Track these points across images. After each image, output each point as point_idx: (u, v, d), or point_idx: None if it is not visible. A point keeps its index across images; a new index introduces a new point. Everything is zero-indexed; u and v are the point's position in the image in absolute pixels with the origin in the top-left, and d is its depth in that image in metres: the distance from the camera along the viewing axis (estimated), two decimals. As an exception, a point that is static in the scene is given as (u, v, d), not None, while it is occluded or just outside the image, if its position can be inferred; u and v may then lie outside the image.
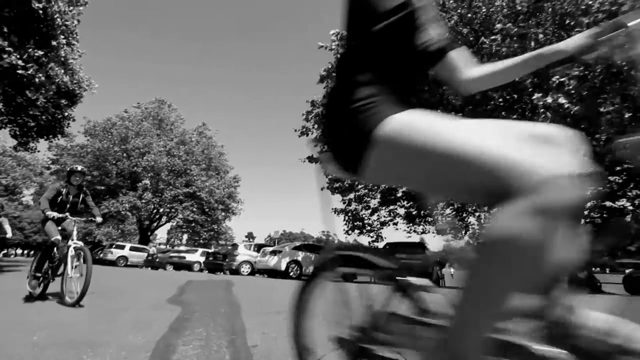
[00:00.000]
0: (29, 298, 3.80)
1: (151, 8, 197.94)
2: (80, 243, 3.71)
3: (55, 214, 3.81)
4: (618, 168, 10.70)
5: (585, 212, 13.33)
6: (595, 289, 10.27)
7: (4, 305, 3.39)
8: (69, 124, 13.00)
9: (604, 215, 13.54)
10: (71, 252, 3.64)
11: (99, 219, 4.19)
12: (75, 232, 3.80)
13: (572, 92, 6.98)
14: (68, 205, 4.07)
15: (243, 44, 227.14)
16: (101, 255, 22.67)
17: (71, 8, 9.50)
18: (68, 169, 4.21)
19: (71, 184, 4.13)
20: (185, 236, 35.92)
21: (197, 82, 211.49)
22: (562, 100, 6.87)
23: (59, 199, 4.01)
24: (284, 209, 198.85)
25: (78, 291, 3.34)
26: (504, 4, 8.29)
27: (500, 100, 9.83)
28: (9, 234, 6.92)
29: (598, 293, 9.73)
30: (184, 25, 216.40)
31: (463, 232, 15.83)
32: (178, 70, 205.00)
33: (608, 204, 13.27)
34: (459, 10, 8.74)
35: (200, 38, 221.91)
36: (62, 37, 9.41)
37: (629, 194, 12.43)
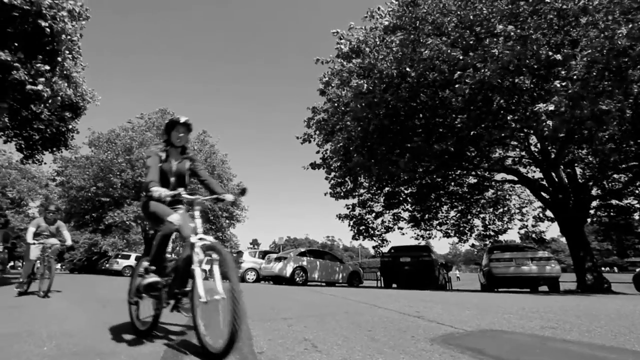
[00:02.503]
0: (137, 330, 2.50)
1: (152, 22, 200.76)
2: (210, 238, 2.15)
3: (166, 192, 2.18)
4: (623, 166, 10.61)
5: (592, 211, 13.22)
6: (604, 289, 10.10)
7: (14, 318, 3.42)
8: (73, 136, 13.17)
9: (611, 213, 13.40)
10: (198, 254, 2.07)
11: (228, 197, 2.45)
12: (199, 221, 2.23)
13: (576, 94, 6.97)
14: (172, 179, 2.57)
15: (244, 55, 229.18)
16: (107, 265, 22.78)
17: (74, 23, 9.69)
18: (167, 121, 2.63)
19: (172, 144, 2.60)
20: (189, 245, 36.01)
21: (199, 95, 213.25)
22: (563, 109, 6.87)
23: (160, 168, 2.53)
24: (288, 216, 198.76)
25: (222, 320, 1.79)
26: (504, 5, 8.31)
27: (502, 101, 9.82)
28: (69, 242, 5.96)
29: (608, 293, 9.58)
30: (184, 38, 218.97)
31: (468, 233, 15.73)
32: (181, 84, 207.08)
33: (614, 202, 13.15)
34: (458, 12, 8.77)
35: (201, 50, 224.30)
36: (67, 52, 9.59)
37: (636, 191, 12.31)
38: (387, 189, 14.50)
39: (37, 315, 3.50)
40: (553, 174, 11.77)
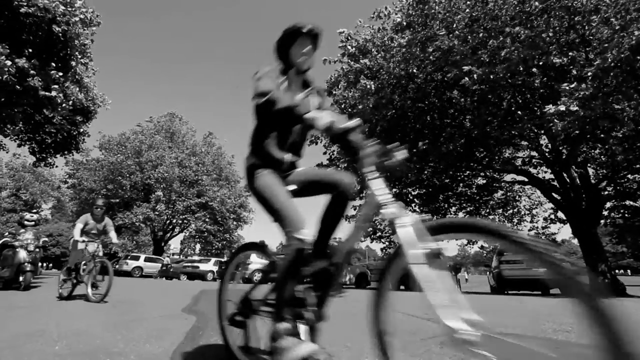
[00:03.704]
0: None
1: (158, 25, 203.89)
2: (407, 216, 1.10)
3: (343, 123, 1.33)
4: (638, 165, 10.35)
5: (605, 213, 12.92)
6: (618, 292, 9.85)
7: (26, 318, 3.48)
8: (84, 139, 13.41)
9: (626, 215, 13.08)
10: (414, 241, 1.04)
11: (400, 154, 1.39)
12: (379, 181, 1.26)
13: (587, 95, 6.83)
14: (289, 140, 1.61)
15: (246, 56, 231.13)
16: (117, 266, 23.12)
17: (85, 29, 9.88)
18: (285, 31, 1.62)
19: (294, 66, 1.64)
20: (198, 246, 36.25)
21: (204, 96, 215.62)
22: (573, 108, 6.75)
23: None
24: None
25: None
26: (514, 4, 8.21)
27: (512, 100, 9.68)
28: (115, 240, 5.59)
29: (622, 296, 9.33)
30: (189, 41, 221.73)
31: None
32: (187, 86, 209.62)
33: (629, 203, 12.83)
34: (468, 11, 8.70)
35: (205, 52, 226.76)
36: (79, 56, 9.79)
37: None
38: (394, 190, 14.41)
39: (49, 315, 3.56)
40: (565, 175, 11.55)
